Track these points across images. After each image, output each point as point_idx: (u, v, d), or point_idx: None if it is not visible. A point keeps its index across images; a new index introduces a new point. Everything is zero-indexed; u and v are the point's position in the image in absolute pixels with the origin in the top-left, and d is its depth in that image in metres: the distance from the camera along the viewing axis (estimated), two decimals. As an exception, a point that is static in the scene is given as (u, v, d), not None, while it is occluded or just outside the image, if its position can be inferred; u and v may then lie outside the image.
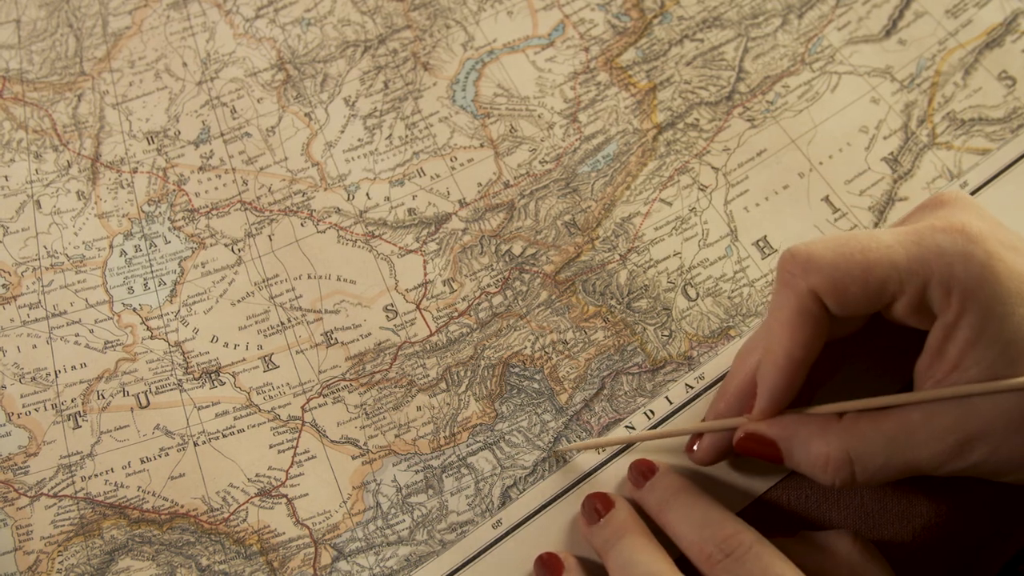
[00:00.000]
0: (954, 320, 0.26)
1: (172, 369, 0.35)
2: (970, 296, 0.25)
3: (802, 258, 0.27)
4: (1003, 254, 0.26)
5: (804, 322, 0.27)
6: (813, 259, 0.26)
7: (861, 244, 0.26)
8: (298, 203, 0.38)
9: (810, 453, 0.28)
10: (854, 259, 0.26)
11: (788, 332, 0.27)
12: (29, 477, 0.34)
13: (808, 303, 0.27)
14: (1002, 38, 0.40)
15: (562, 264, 0.37)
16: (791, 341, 0.27)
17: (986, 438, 0.26)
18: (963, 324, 0.26)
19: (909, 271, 0.26)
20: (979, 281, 0.25)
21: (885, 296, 0.26)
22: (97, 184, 0.39)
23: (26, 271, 0.37)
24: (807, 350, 0.27)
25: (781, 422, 0.29)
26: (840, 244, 0.27)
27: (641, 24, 0.41)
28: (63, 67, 0.42)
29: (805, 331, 0.27)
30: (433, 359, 0.35)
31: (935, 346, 0.27)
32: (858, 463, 0.27)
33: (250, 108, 0.41)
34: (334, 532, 0.33)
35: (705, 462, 0.32)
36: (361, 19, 0.42)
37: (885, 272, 0.26)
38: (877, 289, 0.26)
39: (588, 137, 0.39)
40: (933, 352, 0.27)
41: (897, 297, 0.26)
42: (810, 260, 0.27)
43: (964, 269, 0.25)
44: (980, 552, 0.31)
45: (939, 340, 0.26)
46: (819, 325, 0.27)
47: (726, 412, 0.31)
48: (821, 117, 0.39)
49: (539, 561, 0.31)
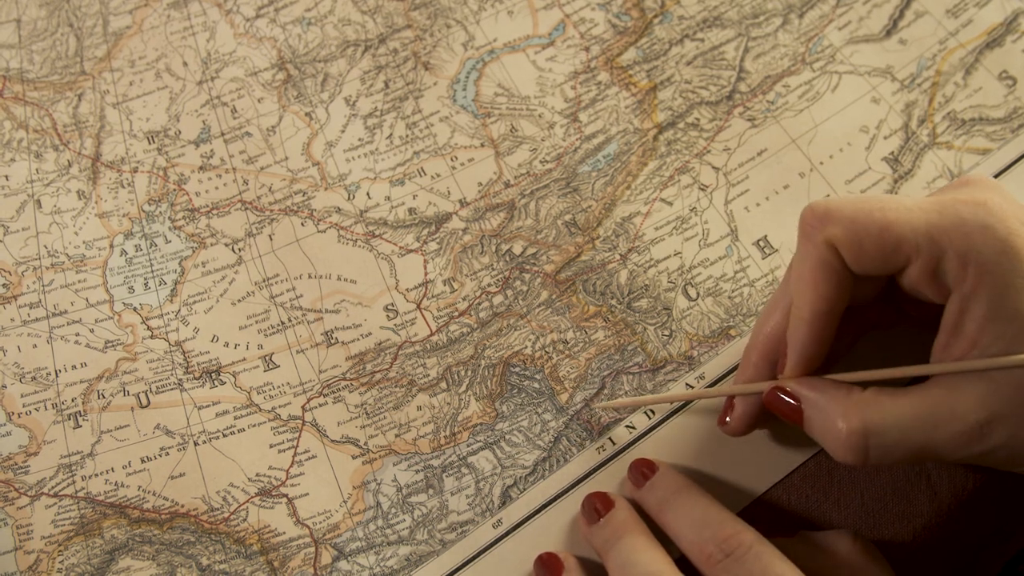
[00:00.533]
0: (970, 292, 0.26)
1: (172, 369, 0.35)
2: (987, 269, 0.25)
3: (821, 210, 0.27)
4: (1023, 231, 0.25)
5: (825, 275, 0.27)
6: (831, 211, 0.27)
7: (881, 203, 0.27)
8: (298, 203, 0.38)
9: (828, 420, 0.27)
10: (872, 215, 0.26)
11: (810, 285, 0.27)
12: (29, 477, 0.34)
13: (827, 255, 0.27)
14: (1002, 38, 0.40)
15: (562, 264, 0.37)
16: (814, 293, 0.27)
17: (1007, 419, 0.25)
18: (980, 297, 0.25)
19: (927, 236, 0.26)
20: (998, 255, 0.25)
21: (900, 257, 0.26)
22: (97, 184, 0.39)
23: (26, 271, 0.37)
24: (830, 303, 0.27)
25: (809, 382, 0.29)
26: (860, 200, 0.27)
27: (642, 24, 0.41)
28: (63, 67, 0.42)
29: (827, 284, 0.27)
30: (433, 359, 0.35)
31: (952, 321, 0.26)
32: (873, 436, 0.27)
33: (251, 108, 0.41)
34: (334, 532, 0.33)
35: (738, 432, 0.31)
36: (362, 19, 0.42)
37: (902, 232, 0.26)
38: (893, 247, 0.26)
39: (588, 137, 0.39)
40: (950, 329, 0.26)
41: (912, 260, 0.26)
42: (828, 212, 0.27)
43: (983, 241, 0.25)
44: (981, 552, 0.31)
45: (955, 315, 0.26)
46: (840, 278, 0.27)
47: (755, 376, 0.30)
48: (822, 117, 0.39)
49: (539, 561, 0.31)
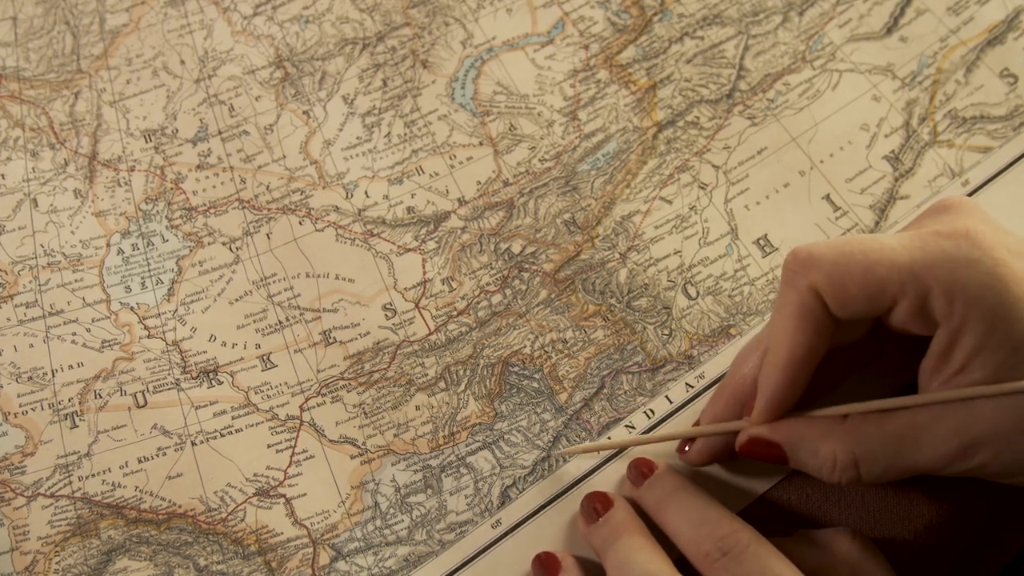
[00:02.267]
0: (959, 326, 0.26)
1: (170, 368, 0.35)
2: (974, 303, 0.25)
3: (803, 256, 0.27)
4: (1009, 260, 0.25)
5: (805, 322, 0.27)
6: (814, 256, 0.27)
7: (863, 245, 0.26)
8: (296, 201, 0.38)
9: (816, 456, 0.28)
10: (855, 258, 0.26)
11: (789, 332, 0.27)
12: (26, 477, 0.34)
13: (809, 301, 0.27)
14: (1004, 35, 0.40)
15: (562, 263, 0.36)
16: (792, 341, 0.27)
17: (990, 442, 0.25)
18: (968, 331, 0.25)
19: (912, 274, 0.26)
20: (984, 288, 0.25)
21: (885, 298, 0.26)
22: (94, 182, 0.39)
23: (23, 270, 0.37)
24: (808, 350, 0.27)
25: (785, 425, 0.29)
26: (842, 244, 0.27)
27: (641, 21, 0.41)
28: (60, 65, 0.42)
29: (807, 331, 0.27)
30: (432, 358, 0.35)
31: (939, 351, 0.26)
32: (864, 464, 0.27)
33: (248, 106, 0.40)
34: (333, 532, 0.32)
35: (697, 463, 0.32)
36: (360, 16, 0.42)
37: (886, 273, 0.26)
38: (877, 290, 0.26)
39: (588, 135, 0.39)
40: (938, 356, 0.26)
41: (898, 300, 0.26)
42: (811, 257, 0.27)
43: (968, 275, 0.25)
44: (982, 552, 0.31)
45: (943, 345, 0.26)
46: (821, 325, 0.27)
47: (723, 414, 0.31)
48: (822, 115, 0.39)
49: (536, 560, 0.31)
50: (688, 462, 0.32)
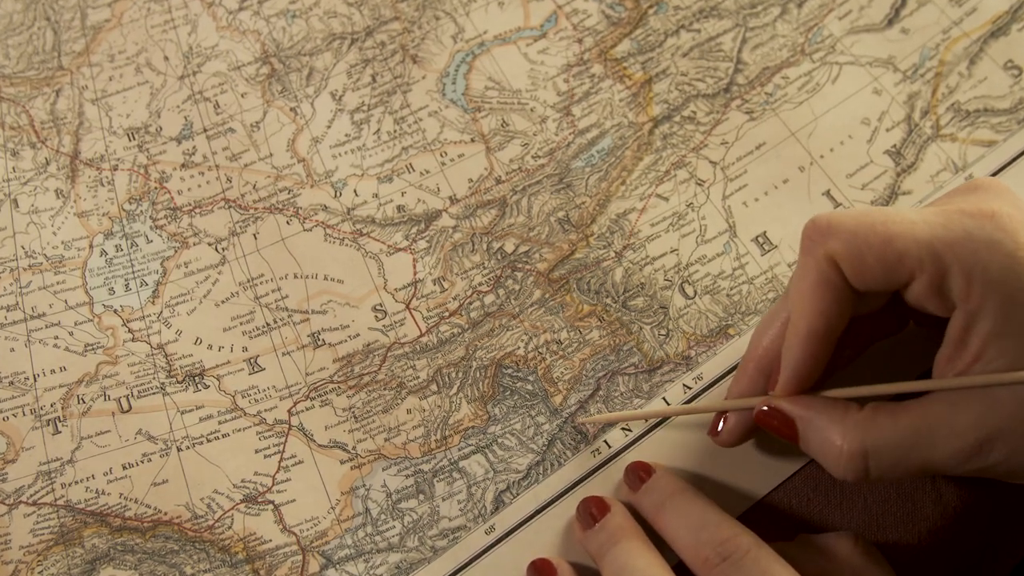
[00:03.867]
0: (976, 309, 0.25)
1: (155, 372, 0.35)
2: (993, 286, 0.25)
3: (823, 224, 0.27)
4: None
5: (824, 291, 0.27)
6: (833, 225, 0.26)
7: (885, 216, 0.26)
8: (284, 200, 0.38)
9: (825, 441, 0.27)
10: (875, 229, 0.26)
11: (809, 301, 0.27)
12: (7, 484, 0.33)
13: (827, 270, 0.26)
14: (1008, 26, 0.39)
15: (556, 262, 0.36)
16: (812, 310, 0.27)
17: (1007, 436, 0.25)
18: (985, 314, 0.25)
19: (931, 250, 0.25)
20: (1005, 271, 0.25)
21: (903, 272, 0.26)
22: (76, 182, 0.38)
23: (3, 272, 0.37)
24: (829, 320, 0.27)
25: (803, 401, 0.28)
26: (862, 214, 0.26)
27: (636, 14, 0.41)
28: (40, 61, 0.41)
29: (826, 300, 0.27)
30: (423, 360, 0.34)
31: (956, 336, 0.26)
32: (873, 457, 0.27)
33: (234, 103, 0.40)
34: (322, 539, 0.32)
35: (730, 443, 0.31)
36: (348, 11, 0.42)
37: (905, 246, 0.25)
38: (895, 262, 0.26)
39: (582, 131, 0.38)
40: (954, 342, 0.26)
41: (915, 275, 0.26)
42: (830, 226, 0.26)
43: (989, 257, 0.25)
44: (987, 556, 0.31)
45: (960, 330, 0.26)
46: (840, 294, 0.27)
47: (749, 389, 0.30)
48: (822, 109, 0.38)
49: (532, 567, 0.31)
50: (721, 443, 0.31)
